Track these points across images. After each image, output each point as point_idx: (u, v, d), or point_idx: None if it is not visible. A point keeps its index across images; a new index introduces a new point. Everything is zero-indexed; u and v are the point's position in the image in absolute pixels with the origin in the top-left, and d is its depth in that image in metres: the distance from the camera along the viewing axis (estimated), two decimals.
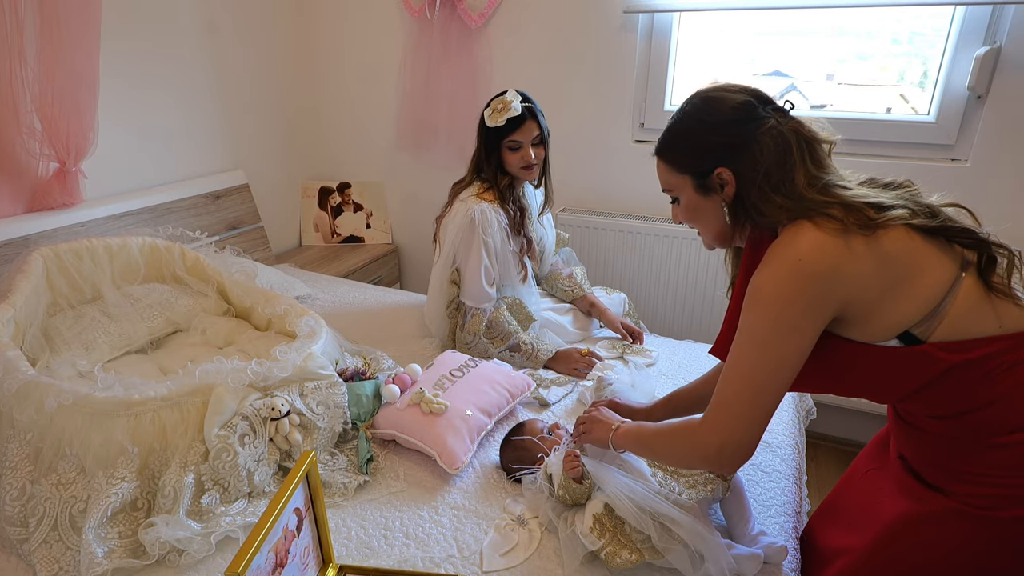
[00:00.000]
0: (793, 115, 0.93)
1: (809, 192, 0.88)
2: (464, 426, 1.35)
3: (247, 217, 2.48)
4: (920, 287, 0.84)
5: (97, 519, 1.11)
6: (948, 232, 0.87)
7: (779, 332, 0.86)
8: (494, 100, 1.67)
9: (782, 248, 0.87)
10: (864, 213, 0.85)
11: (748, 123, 0.91)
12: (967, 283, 0.85)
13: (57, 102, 1.71)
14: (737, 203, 0.94)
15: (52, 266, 1.62)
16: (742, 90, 0.94)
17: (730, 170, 0.92)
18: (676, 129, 0.99)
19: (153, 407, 1.22)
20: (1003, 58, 1.75)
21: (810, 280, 0.84)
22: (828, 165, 0.93)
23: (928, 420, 0.91)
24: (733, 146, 0.91)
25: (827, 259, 0.84)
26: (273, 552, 0.89)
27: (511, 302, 1.80)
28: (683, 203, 1.01)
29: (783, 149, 0.89)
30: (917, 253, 0.86)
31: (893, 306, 0.84)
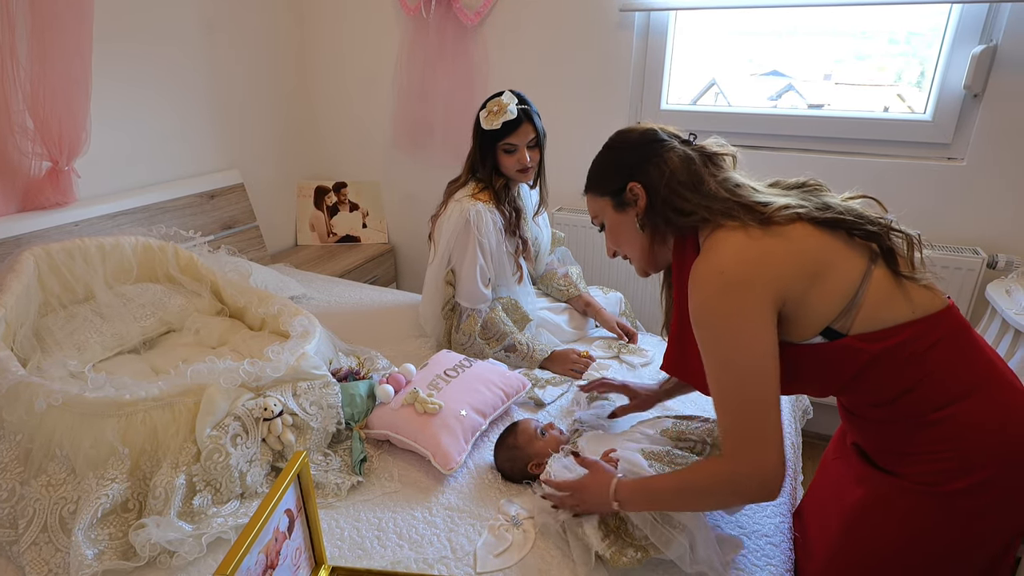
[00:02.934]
0: (695, 143, 1.03)
1: (715, 188, 0.95)
2: (458, 426, 1.35)
3: (242, 217, 2.46)
4: (834, 282, 0.88)
5: (87, 520, 1.10)
6: (843, 224, 0.91)
7: (738, 346, 0.88)
8: (490, 101, 1.65)
9: (703, 265, 0.91)
10: (757, 210, 0.92)
11: (653, 144, 1.02)
12: (877, 274, 0.89)
13: (49, 101, 1.70)
14: (650, 212, 1.01)
15: (44, 266, 1.61)
16: (648, 124, 1.06)
17: (640, 183, 1.01)
18: (595, 162, 1.10)
19: (144, 407, 1.21)
20: (999, 56, 1.74)
21: (738, 288, 0.87)
22: (729, 171, 1.01)
23: (867, 408, 0.96)
24: (641, 163, 1.01)
25: (748, 263, 0.89)
26: (264, 554, 0.88)
27: (507, 303, 1.79)
28: (607, 225, 1.09)
29: (686, 160, 0.99)
30: (824, 248, 0.90)
31: (815, 303, 0.89)
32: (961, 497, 0.89)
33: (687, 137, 1.05)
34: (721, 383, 0.91)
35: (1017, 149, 1.81)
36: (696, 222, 0.96)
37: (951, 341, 0.89)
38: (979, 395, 0.88)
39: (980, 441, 0.88)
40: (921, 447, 0.91)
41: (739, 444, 0.90)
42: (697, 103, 2.32)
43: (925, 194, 1.94)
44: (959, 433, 0.88)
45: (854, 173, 2.01)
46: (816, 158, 2.05)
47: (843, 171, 2.02)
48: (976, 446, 0.88)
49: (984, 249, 1.89)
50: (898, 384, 0.90)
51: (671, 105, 2.24)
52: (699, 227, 0.97)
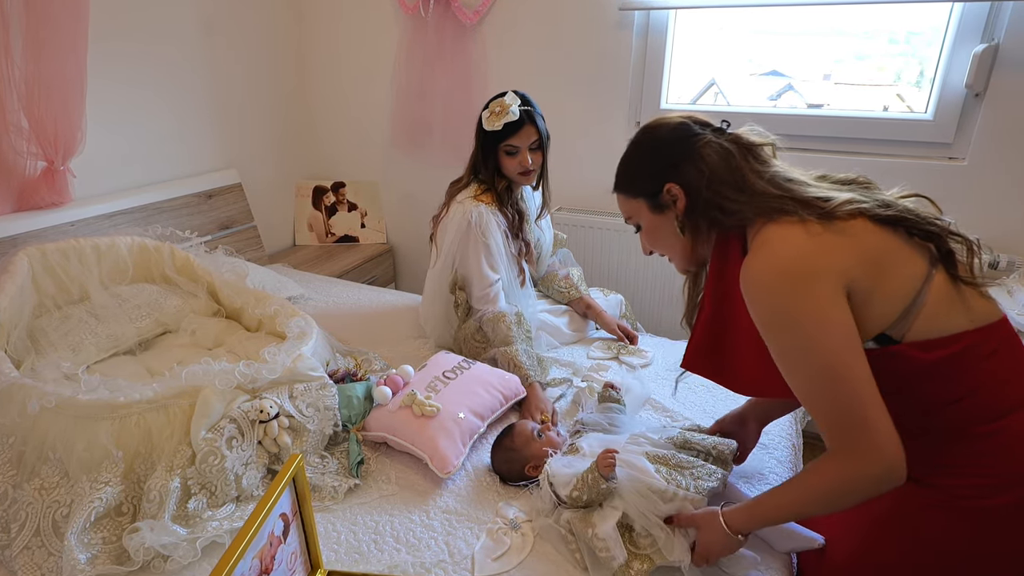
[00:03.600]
0: (729, 131, 0.97)
1: (760, 184, 0.90)
2: (456, 429, 1.33)
3: (240, 217, 2.45)
4: (895, 283, 0.84)
5: (80, 524, 1.09)
6: (905, 223, 0.87)
7: (822, 340, 0.82)
8: (492, 102, 1.63)
9: (758, 263, 0.86)
10: (817, 205, 0.86)
11: (686, 140, 0.96)
12: (937, 278, 0.85)
13: (44, 101, 1.69)
14: (691, 213, 0.96)
15: (38, 266, 1.60)
16: (679, 115, 1.00)
17: (678, 184, 0.96)
18: (625, 160, 1.05)
19: (138, 410, 1.20)
20: (1001, 55, 1.73)
21: (805, 281, 0.82)
22: (772, 163, 0.95)
23: (908, 417, 0.89)
24: (676, 162, 0.96)
25: (808, 255, 0.83)
26: (258, 559, 0.87)
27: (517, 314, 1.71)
28: (644, 227, 1.05)
29: (725, 156, 0.93)
30: (886, 246, 0.85)
31: (874, 304, 0.84)
32: (998, 513, 0.85)
33: (720, 125, 0.98)
34: (810, 382, 0.85)
35: (1019, 149, 1.80)
36: (743, 220, 0.91)
37: (1006, 353, 0.85)
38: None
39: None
40: (962, 460, 0.87)
41: (849, 440, 0.83)
42: (697, 103, 2.31)
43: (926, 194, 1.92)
44: (1006, 447, 0.84)
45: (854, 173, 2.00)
46: (816, 158, 2.04)
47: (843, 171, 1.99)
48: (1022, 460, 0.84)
49: (986, 249, 1.88)
50: (948, 395, 0.85)
51: (671, 104, 2.23)
52: (747, 224, 0.92)
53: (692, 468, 1.11)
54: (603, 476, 1.08)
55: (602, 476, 1.08)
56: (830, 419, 0.84)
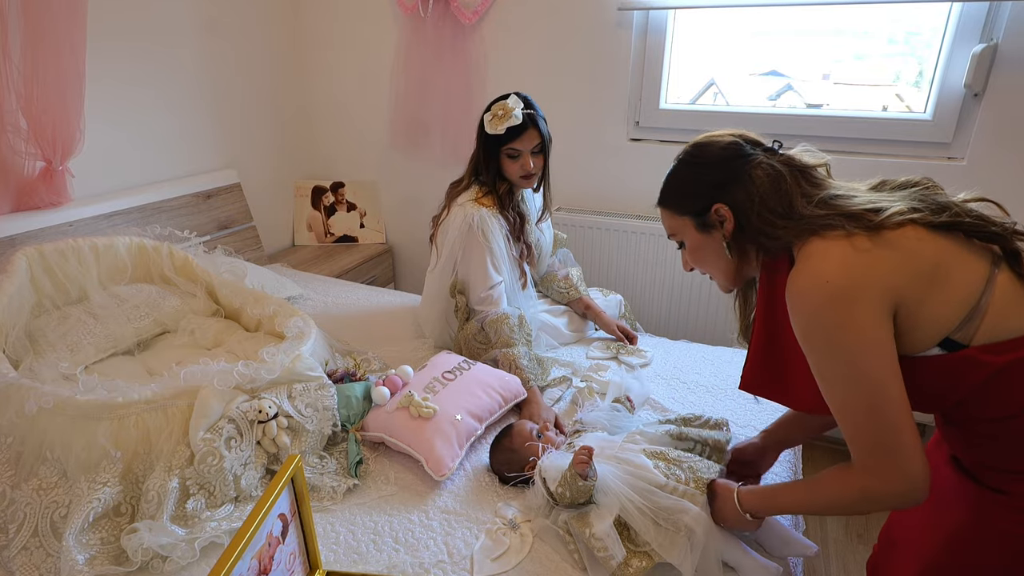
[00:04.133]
0: (782, 152, 0.95)
1: (808, 209, 0.88)
2: (453, 431, 1.33)
3: (239, 216, 2.45)
4: (953, 288, 0.81)
5: (78, 525, 1.08)
6: (961, 227, 0.84)
7: (859, 357, 0.81)
8: (495, 105, 1.62)
9: (803, 278, 0.85)
10: (865, 218, 0.84)
11: (737, 159, 0.94)
12: (1001, 279, 0.82)
13: (42, 101, 1.69)
14: (738, 236, 0.95)
15: (36, 266, 1.60)
16: (730, 134, 0.97)
17: (726, 205, 0.94)
18: (672, 176, 1.02)
19: (137, 410, 1.20)
20: (1000, 55, 1.73)
21: (848, 297, 0.81)
22: (827, 184, 0.93)
23: (980, 422, 0.87)
24: (726, 182, 0.94)
25: (853, 270, 0.82)
26: (256, 559, 0.87)
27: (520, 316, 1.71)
28: (688, 245, 1.03)
29: (775, 178, 0.91)
30: (938, 251, 0.83)
31: (932, 311, 0.82)
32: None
33: (772, 145, 0.96)
34: (844, 399, 0.85)
35: (1018, 148, 1.80)
36: (788, 244, 0.90)
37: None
38: None
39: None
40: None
41: (876, 459, 0.83)
42: (696, 103, 2.31)
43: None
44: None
45: (854, 173, 1.97)
46: None
47: (843, 171, 1.98)
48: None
49: None
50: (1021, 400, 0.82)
51: (670, 104, 2.23)
52: (792, 245, 0.90)
53: (689, 462, 1.11)
54: (579, 474, 1.08)
55: (578, 474, 1.08)
56: (862, 438, 0.85)
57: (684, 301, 2.24)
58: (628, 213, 2.29)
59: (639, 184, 2.27)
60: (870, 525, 1.92)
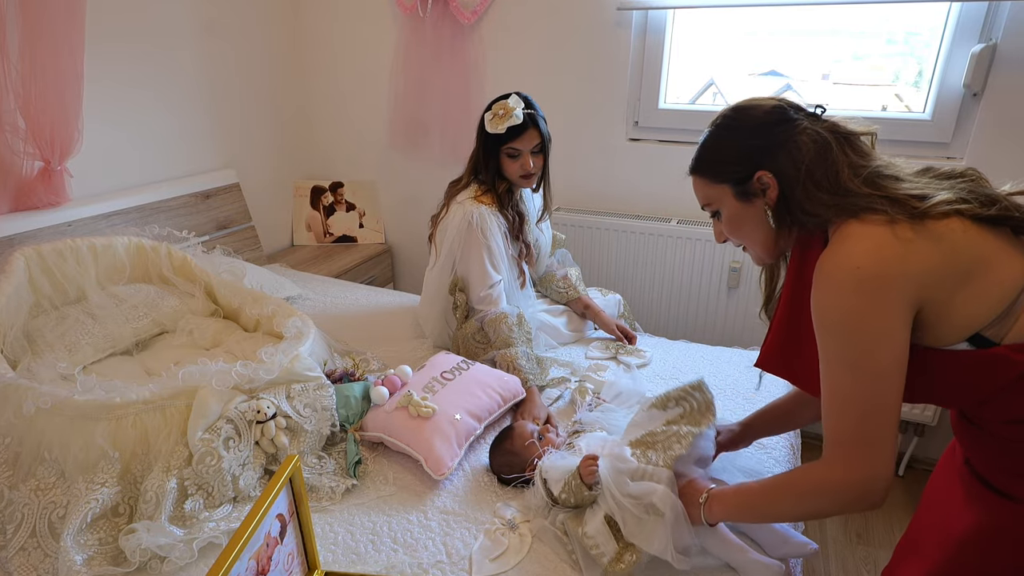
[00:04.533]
0: (826, 117, 0.91)
1: (854, 183, 0.84)
2: (452, 430, 1.33)
3: (238, 216, 2.45)
4: (989, 283, 0.78)
5: (76, 525, 1.08)
6: (1010, 222, 0.81)
7: (866, 348, 0.80)
8: (496, 104, 1.62)
9: (835, 259, 0.82)
10: (909, 204, 0.80)
11: (782, 124, 0.89)
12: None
13: (41, 101, 1.68)
14: (781, 206, 0.90)
15: (35, 266, 1.59)
16: (772, 98, 0.93)
17: (771, 172, 0.89)
18: (709, 142, 0.97)
19: (135, 410, 1.20)
20: (999, 55, 1.73)
21: (876, 285, 0.78)
22: (873, 155, 0.89)
23: (1001, 425, 0.84)
24: (770, 148, 0.89)
25: (887, 259, 0.78)
26: (255, 559, 0.87)
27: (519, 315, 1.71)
28: (725, 215, 0.97)
29: (822, 146, 0.86)
30: (981, 245, 0.80)
31: (963, 305, 0.79)
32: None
33: (814, 111, 0.91)
34: (844, 387, 0.83)
35: (1016, 148, 1.80)
36: (826, 222, 0.86)
37: None
38: None
39: None
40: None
41: (852, 450, 0.82)
42: (695, 103, 2.30)
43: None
44: None
45: None
46: None
47: None
48: None
49: None
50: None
51: (669, 104, 2.23)
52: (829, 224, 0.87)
53: (663, 440, 1.09)
54: (585, 484, 1.08)
55: (584, 484, 1.08)
56: (844, 425, 0.83)
57: (683, 301, 2.24)
58: (627, 213, 2.29)
59: (638, 184, 2.27)
60: (869, 525, 1.92)
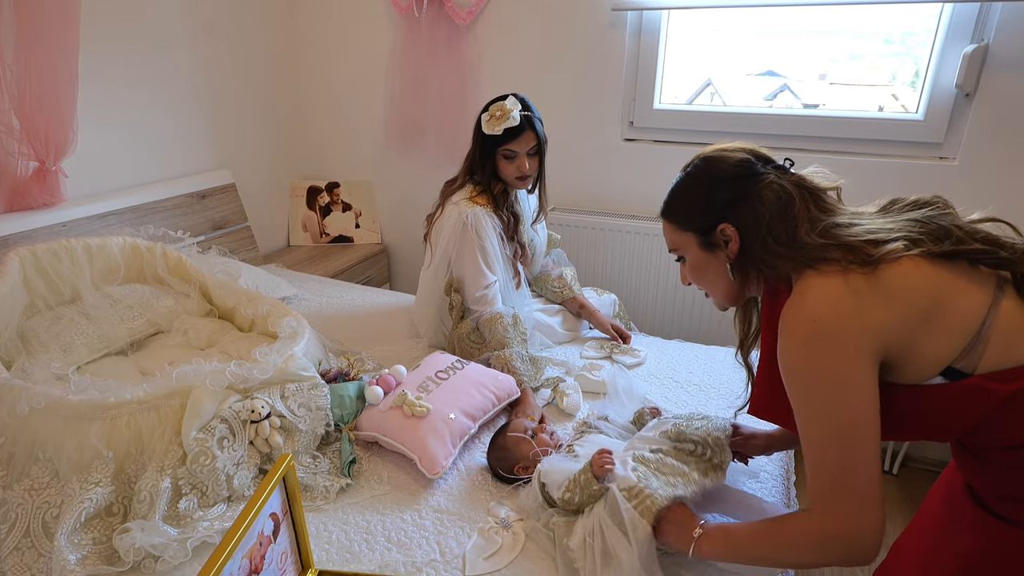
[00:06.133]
0: (793, 171, 0.93)
1: (810, 237, 0.86)
2: (446, 430, 1.33)
3: (233, 217, 2.45)
4: (950, 319, 0.79)
5: (70, 525, 1.08)
6: (965, 255, 0.81)
7: (834, 400, 0.81)
8: (493, 105, 1.63)
9: (794, 312, 0.84)
10: (863, 251, 0.82)
11: (748, 178, 0.91)
12: (1006, 305, 0.79)
13: (35, 101, 1.68)
14: (742, 258, 0.93)
15: (29, 267, 1.59)
16: (741, 149, 0.95)
17: (733, 225, 0.92)
18: (679, 189, 0.99)
19: (129, 410, 1.20)
20: (991, 56, 1.74)
21: (833, 338, 0.80)
22: (836, 210, 0.91)
23: (998, 452, 0.84)
24: (735, 201, 0.91)
25: (843, 313, 0.80)
26: (247, 558, 0.87)
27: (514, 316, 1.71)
28: (689, 261, 1.00)
29: (785, 201, 0.89)
30: (936, 283, 0.80)
31: (928, 343, 0.79)
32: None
33: (783, 163, 0.94)
34: (814, 438, 0.84)
35: (1009, 148, 1.81)
36: (786, 274, 0.88)
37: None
38: None
39: None
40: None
41: (832, 502, 0.82)
42: (693, 103, 2.31)
43: (917, 193, 1.93)
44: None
45: (848, 173, 1.97)
46: (811, 158, 2.02)
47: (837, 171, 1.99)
48: None
49: None
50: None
51: (664, 105, 2.24)
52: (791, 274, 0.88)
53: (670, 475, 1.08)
54: (596, 477, 1.08)
55: (595, 477, 1.08)
56: (827, 476, 0.83)
57: (678, 301, 2.25)
58: (622, 213, 2.29)
59: (633, 184, 2.28)
60: None
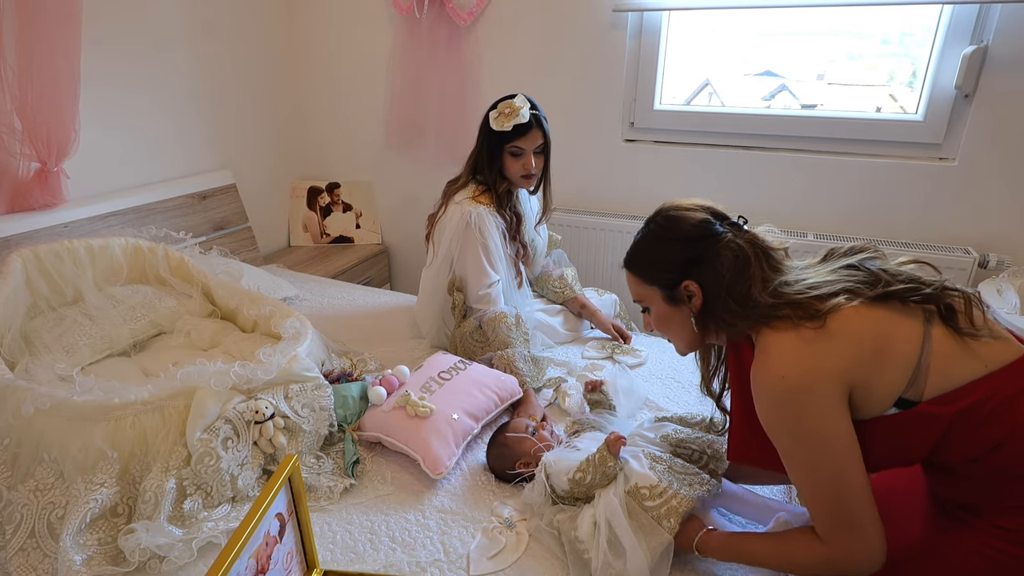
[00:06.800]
0: (747, 229, 1.01)
1: (762, 297, 0.93)
2: (449, 430, 1.34)
3: (234, 217, 2.45)
4: (895, 353, 0.87)
5: (75, 526, 1.09)
6: (895, 295, 0.90)
7: (819, 448, 0.87)
8: (501, 103, 1.64)
9: (762, 371, 0.91)
10: (811, 307, 0.90)
11: (708, 239, 0.98)
12: (936, 335, 0.88)
13: (37, 102, 1.68)
14: (704, 313, 1.00)
15: (32, 268, 1.59)
16: (700, 208, 1.02)
17: (696, 282, 0.98)
18: (642, 245, 1.06)
19: (133, 411, 1.20)
20: (990, 57, 1.75)
21: (804, 389, 0.86)
22: (784, 268, 0.98)
23: (956, 465, 0.91)
24: (696, 260, 0.98)
25: (804, 363, 0.87)
26: (254, 559, 0.88)
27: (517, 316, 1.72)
28: (654, 313, 1.07)
29: (742, 261, 0.96)
30: (877, 323, 0.89)
31: (881, 378, 0.87)
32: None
33: (737, 220, 1.01)
34: (806, 484, 0.91)
35: (1008, 149, 1.82)
36: (743, 331, 0.96)
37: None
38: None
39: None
40: (1015, 501, 0.88)
41: (836, 532, 0.89)
42: (691, 103, 2.32)
43: (917, 194, 1.95)
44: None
45: (847, 174, 2.02)
46: (809, 158, 2.06)
47: (835, 172, 2.03)
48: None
49: (975, 248, 1.89)
50: (986, 441, 0.86)
51: (664, 105, 2.24)
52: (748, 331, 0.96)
53: (685, 475, 1.11)
54: (611, 454, 1.10)
55: (611, 454, 1.10)
56: (827, 516, 0.90)
57: None
58: (623, 213, 2.30)
59: (634, 185, 2.28)
60: None
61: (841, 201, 2.04)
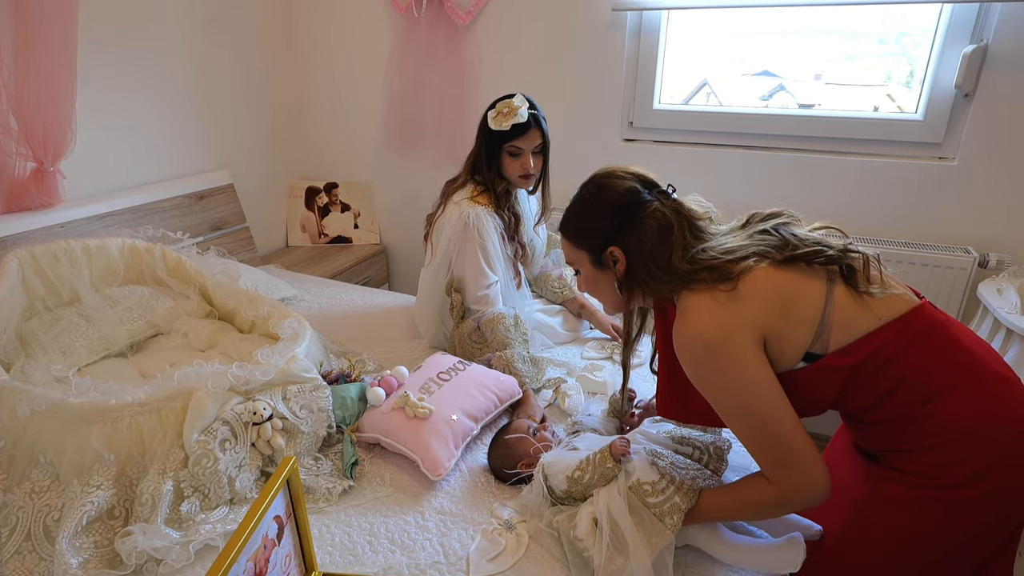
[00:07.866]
0: (675, 197, 1.06)
1: (681, 264, 1.00)
2: (449, 431, 1.33)
3: (232, 218, 2.44)
4: (801, 310, 0.95)
5: (72, 528, 1.08)
6: (801, 257, 0.98)
7: (744, 395, 0.94)
8: (500, 102, 1.63)
9: (682, 331, 0.97)
10: (725, 270, 0.97)
11: (635, 207, 1.03)
12: (838, 293, 0.96)
13: (33, 102, 1.67)
14: (628, 277, 1.06)
15: (28, 268, 1.58)
16: (630, 175, 1.07)
17: (620, 248, 1.04)
18: (573, 210, 1.12)
19: (130, 413, 1.19)
20: (990, 56, 1.75)
21: (722, 344, 0.94)
22: (706, 235, 1.04)
23: (863, 413, 1.01)
24: (622, 227, 1.03)
25: (720, 318, 0.94)
26: (252, 561, 0.87)
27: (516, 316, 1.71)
28: (582, 275, 1.14)
29: (666, 228, 1.01)
30: (784, 283, 0.96)
31: (790, 333, 0.95)
32: (958, 490, 0.93)
33: (666, 188, 1.06)
34: (741, 430, 0.97)
35: (1008, 148, 1.82)
36: (666, 296, 1.03)
37: (925, 340, 0.94)
38: (961, 387, 0.93)
39: (967, 432, 0.92)
40: (914, 443, 0.96)
41: (779, 471, 0.95)
42: (689, 103, 2.31)
43: (916, 193, 1.95)
44: (946, 426, 0.93)
45: (846, 173, 2.02)
46: (808, 158, 2.06)
47: (834, 171, 2.03)
48: (964, 437, 0.92)
49: (975, 248, 1.89)
50: (880, 388, 0.95)
51: (663, 105, 2.24)
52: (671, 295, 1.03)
53: (687, 469, 1.12)
54: (613, 456, 1.10)
55: (612, 455, 1.10)
56: (766, 456, 0.96)
57: None
58: None
59: None
60: None
61: (840, 201, 2.04)
